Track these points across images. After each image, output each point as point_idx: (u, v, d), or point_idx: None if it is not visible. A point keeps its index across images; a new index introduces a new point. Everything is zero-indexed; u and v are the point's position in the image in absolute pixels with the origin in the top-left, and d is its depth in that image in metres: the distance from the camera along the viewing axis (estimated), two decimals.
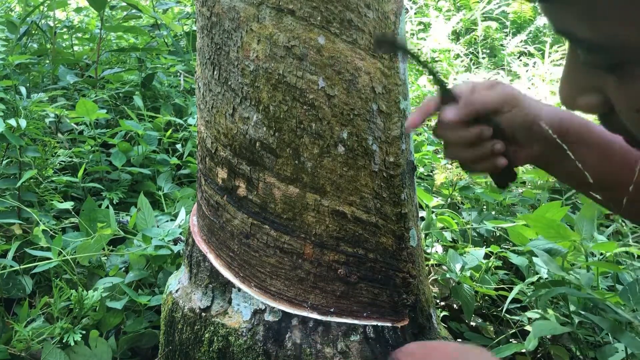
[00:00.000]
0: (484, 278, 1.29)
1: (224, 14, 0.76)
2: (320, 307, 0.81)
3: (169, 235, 1.23)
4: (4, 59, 1.78)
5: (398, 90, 0.80)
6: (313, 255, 0.80)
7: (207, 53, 0.82)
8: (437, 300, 1.37)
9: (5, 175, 1.48)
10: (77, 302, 1.07)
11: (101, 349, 1.07)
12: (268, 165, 0.78)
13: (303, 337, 0.80)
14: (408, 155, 0.85)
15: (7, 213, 1.35)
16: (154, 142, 1.83)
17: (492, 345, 1.16)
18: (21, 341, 1.02)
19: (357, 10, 0.74)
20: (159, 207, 1.62)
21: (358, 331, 0.81)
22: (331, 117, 0.75)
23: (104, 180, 1.73)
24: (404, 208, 0.83)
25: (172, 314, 0.91)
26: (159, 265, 1.25)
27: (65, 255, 1.16)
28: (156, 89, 2.21)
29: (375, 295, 0.83)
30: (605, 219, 1.79)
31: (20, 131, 1.37)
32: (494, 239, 1.58)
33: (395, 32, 0.79)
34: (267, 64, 0.74)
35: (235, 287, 0.83)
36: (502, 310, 1.15)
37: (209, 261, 0.86)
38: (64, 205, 1.33)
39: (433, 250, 1.47)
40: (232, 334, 0.82)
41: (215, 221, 0.85)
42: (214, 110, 0.82)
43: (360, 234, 0.80)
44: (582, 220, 1.12)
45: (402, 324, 0.84)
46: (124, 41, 2.79)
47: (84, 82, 2.22)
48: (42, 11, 2.43)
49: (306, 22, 0.72)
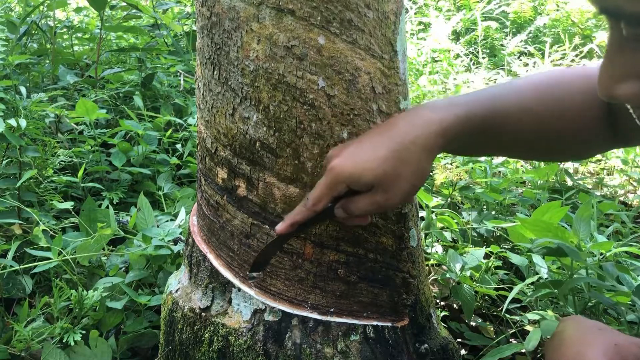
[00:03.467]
0: (484, 278, 1.29)
1: (224, 14, 0.76)
2: (320, 307, 0.81)
3: (169, 235, 1.23)
4: (4, 59, 1.78)
5: (398, 90, 0.80)
6: (313, 255, 0.80)
7: (207, 53, 0.82)
8: (437, 300, 1.37)
9: (5, 175, 1.48)
10: (77, 302, 1.07)
11: (101, 349, 1.07)
12: (268, 165, 0.78)
13: (303, 337, 0.80)
14: None
15: (7, 213, 1.35)
16: (154, 142, 1.83)
17: (492, 345, 1.17)
18: (21, 341, 1.02)
19: (357, 10, 0.74)
20: (159, 207, 1.62)
21: (358, 331, 0.81)
22: (331, 117, 0.75)
23: (104, 180, 1.73)
24: (404, 208, 0.83)
25: (172, 314, 0.91)
26: (159, 265, 1.25)
27: (65, 255, 1.16)
28: (156, 89, 2.21)
29: (375, 295, 0.83)
30: (606, 219, 1.79)
31: (20, 131, 1.37)
32: (494, 239, 1.58)
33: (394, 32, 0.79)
34: (267, 64, 0.74)
35: (235, 287, 0.83)
36: (502, 310, 1.15)
37: (209, 261, 0.86)
38: (64, 205, 1.33)
39: (433, 250, 1.47)
40: (232, 334, 0.82)
41: (215, 221, 0.86)
42: (214, 110, 0.82)
43: (360, 233, 0.80)
44: (580, 221, 1.12)
45: (402, 324, 0.84)
46: (124, 41, 2.79)
47: (84, 82, 2.22)
48: (42, 11, 2.43)
49: (306, 22, 0.72)
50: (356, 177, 0.68)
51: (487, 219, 1.53)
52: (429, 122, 0.69)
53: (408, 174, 0.68)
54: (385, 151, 0.68)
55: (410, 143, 0.68)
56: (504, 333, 1.24)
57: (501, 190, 1.77)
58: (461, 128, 0.70)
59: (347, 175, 0.68)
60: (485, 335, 1.25)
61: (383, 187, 0.68)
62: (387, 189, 0.68)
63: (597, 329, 0.70)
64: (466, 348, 1.24)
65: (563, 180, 2.10)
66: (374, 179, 0.68)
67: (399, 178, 0.68)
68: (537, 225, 1.12)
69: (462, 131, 0.71)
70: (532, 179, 1.94)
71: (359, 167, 0.68)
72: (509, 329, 1.26)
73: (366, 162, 0.68)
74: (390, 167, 0.67)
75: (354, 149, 0.70)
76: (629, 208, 2.02)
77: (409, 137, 0.68)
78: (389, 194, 0.69)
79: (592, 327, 0.71)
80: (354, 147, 0.71)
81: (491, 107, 0.73)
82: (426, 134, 0.68)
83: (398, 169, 0.68)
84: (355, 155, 0.69)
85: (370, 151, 0.69)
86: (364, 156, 0.69)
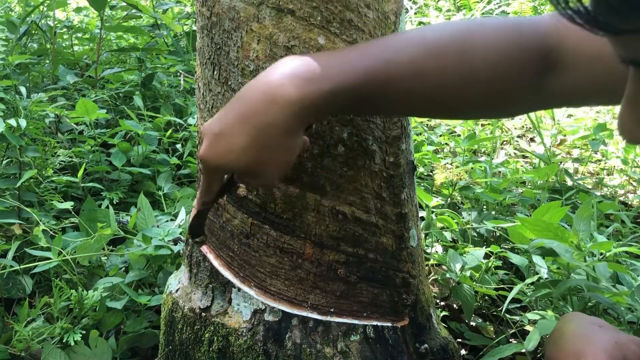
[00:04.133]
0: (484, 278, 1.29)
1: (224, 14, 0.76)
2: (320, 307, 0.81)
3: (169, 235, 1.23)
4: (4, 59, 1.78)
5: None
6: (313, 255, 0.80)
7: (207, 53, 0.82)
8: (437, 300, 1.37)
9: (5, 175, 1.48)
10: (77, 302, 1.07)
11: (101, 349, 1.07)
12: None
13: (303, 337, 0.80)
14: (408, 155, 0.85)
15: (7, 213, 1.35)
16: (154, 142, 1.83)
17: (492, 345, 1.17)
18: (21, 341, 1.02)
19: (357, 10, 0.74)
20: (159, 207, 1.62)
21: (358, 331, 0.81)
22: (331, 117, 0.75)
23: (104, 180, 1.73)
24: (404, 208, 0.83)
25: (172, 314, 0.91)
26: (159, 265, 1.25)
27: (65, 255, 1.16)
28: (156, 89, 2.21)
29: (375, 295, 0.83)
30: (606, 219, 1.79)
31: (20, 131, 1.37)
32: (494, 239, 1.58)
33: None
34: (267, 64, 0.74)
35: (235, 287, 0.83)
36: (502, 310, 1.15)
37: (209, 261, 0.86)
38: (64, 205, 1.33)
39: (433, 250, 1.47)
40: (232, 334, 0.82)
41: (215, 221, 0.86)
42: (214, 110, 0.82)
43: (360, 234, 0.80)
44: (580, 220, 1.11)
45: (402, 324, 0.84)
46: (124, 41, 2.79)
47: (84, 82, 2.22)
48: (42, 11, 2.43)
49: (306, 22, 0.72)
50: (222, 168, 0.67)
51: (487, 219, 1.53)
52: (289, 102, 0.61)
53: (273, 159, 0.65)
54: (245, 139, 0.63)
55: (269, 127, 0.62)
56: (504, 333, 1.24)
57: (501, 190, 1.77)
58: (327, 104, 0.62)
59: (215, 167, 0.67)
60: (485, 335, 1.25)
61: (252, 174, 0.66)
62: (255, 175, 0.66)
63: (597, 326, 0.70)
64: (466, 348, 1.24)
65: (563, 180, 2.10)
66: (239, 168, 0.66)
67: (264, 164, 0.65)
68: (537, 225, 1.12)
69: (330, 106, 0.63)
70: (532, 179, 1.94)
71: (222, 159, 0.65)
72: (509, 329, 1.27)
73: (228, 153, 0.64)
74: (251, 156, 0.64)
75: (217, 134, 0.65)
76: (629, 208, 2.02)
77: (267, 119, 0.62)
78: (261, 178, 0.67)
79: (593, 324, 0.71)
80: (217, 132, 0.66)
81: (370, 75, 0.63)
82: (285, 116, 0.62)
83: (261, 157, 0.64)
84: (217, 144, 0.65)
85: (230, 139, 0.64)
86: (225, 145, 0.65)
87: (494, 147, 2.47)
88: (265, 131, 0.62)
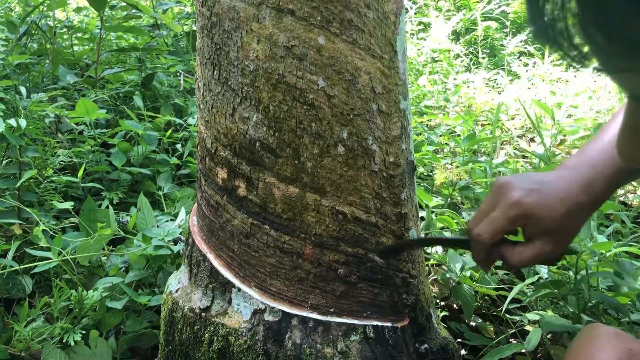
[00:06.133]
0: (484, 278, 1.29)
1: (224, 14, 0.76)
2: (320, 307, 0.81)
3: (169, 235, 1.23)
4: (4, 59, 1.78)
5: (398, 90, 0.80)
6: (313, 255, 0.80)
7: (207, 53, 0.82)
8: (437, 300, 1.37)
9: (5, 175, 1.48)
10: (77, 302, 1.07)
11: (101, 349, 1.07)
12: (268, 165, 0.78)
13: (303, 337, 0.80)
14: (408, 155, 0.85)
15: (7, 213, 1.35)
16: (154, 142, 1.83)
17: (492, 345, 1.16)
18: (21, 341, 1.02)
19: (357, 10, 0.74)
20: (159, 207, 1.62)
21: (358, 331, 0.81)
22: (331, 117, 0.75)
23: (104, 180, 1.73)
24: (403, 208, 0.83)
25: (172, 314, 0.91)
26: (159, 265, 1.25)
27: (65, 255, 1.16)
28: (156, 89, 2.21)
29: (375, 295, 0.83)
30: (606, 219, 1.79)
31: (20, 131, 1.37)
32: None
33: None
34: (267, 64, 0.74)
35: (235, 287, 0.83)
36: (502, 310, 1.15)
37: (209, 261, 0.86)
38: (64, 205, 1.33)
39: (433, 250, 1.47)
40: (232, 334, 0.82)
41: (215, 221, 0.86)
42: (214, 110, 0.82)
43: (360, 234, 0.80)
44: None
45: (402, 324, 0.84)
46: (124, 41, 2.79)
47: (84, 82, 2.22)
48: (42, 11, 2.43)
49: (306, 22, 0.72)
50: (541, 219, 0.64)
51: None
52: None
53: (574, 230, 0.66)
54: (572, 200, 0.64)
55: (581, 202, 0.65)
56: (504, 333, 1.24)
57: None
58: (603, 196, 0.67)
59: (531, 214, 0.64)
60: (485, 335, 1.25)
61: (558, 236, 0.65)
62: (559, 239, 0.65)
63: (613, 334, 0.71)
64: (466, 348, 1.24)
65: None
66: (557, 225, 0.64)
67: (570, 231, 0.65)
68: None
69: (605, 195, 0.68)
70: None
71: (545, 208, 0.64)
72: (509, 329, 1.26)
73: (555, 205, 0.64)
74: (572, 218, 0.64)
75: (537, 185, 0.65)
76: (629, 208, 2.02)
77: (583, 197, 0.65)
78: (558, 246, 0.65)
79: (609, 332, 0.71)
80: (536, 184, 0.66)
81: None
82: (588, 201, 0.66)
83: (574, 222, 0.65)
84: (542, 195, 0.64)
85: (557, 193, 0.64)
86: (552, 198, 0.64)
87: (494, 147, 2.47)
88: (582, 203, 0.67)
